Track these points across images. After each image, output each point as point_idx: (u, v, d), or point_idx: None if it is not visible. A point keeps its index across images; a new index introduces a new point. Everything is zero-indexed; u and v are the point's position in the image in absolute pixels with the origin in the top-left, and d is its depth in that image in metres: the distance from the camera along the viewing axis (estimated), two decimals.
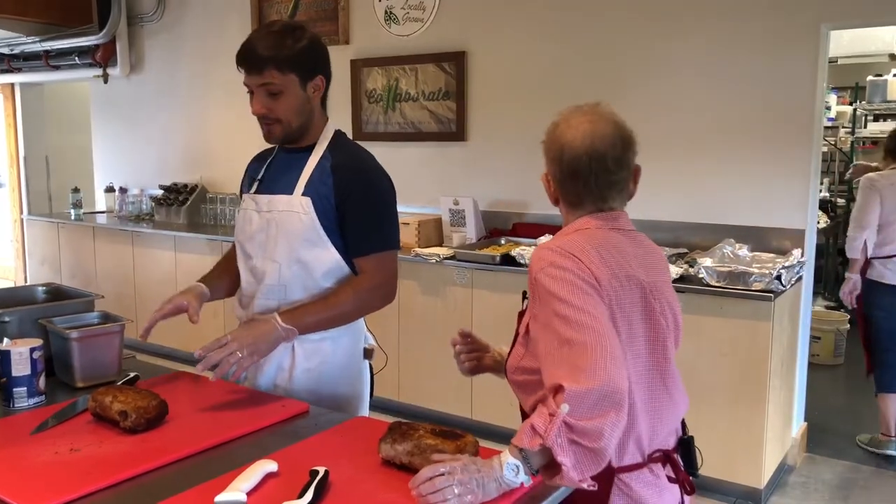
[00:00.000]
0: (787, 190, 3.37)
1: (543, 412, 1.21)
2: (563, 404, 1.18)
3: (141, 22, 5.70)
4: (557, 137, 1.43)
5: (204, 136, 5.50)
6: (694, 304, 3.08)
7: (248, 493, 1.23)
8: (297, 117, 1.80)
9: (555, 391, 1.22)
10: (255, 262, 1.87)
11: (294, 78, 1.76)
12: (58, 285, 2.23)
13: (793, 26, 3.29)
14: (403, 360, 3.88)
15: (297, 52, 1.75)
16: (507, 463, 1.20)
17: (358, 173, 1.82)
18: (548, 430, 1.18)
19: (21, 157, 6.87)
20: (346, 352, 1.91)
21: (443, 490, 1.17)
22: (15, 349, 1.66)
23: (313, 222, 1.79)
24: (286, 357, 1.86)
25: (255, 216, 1.87)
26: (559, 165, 1.42)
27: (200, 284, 1.95)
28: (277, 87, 1.75)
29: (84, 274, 5.61)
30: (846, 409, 4.37)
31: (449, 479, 1.17)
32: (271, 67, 1.73)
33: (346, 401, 1.88)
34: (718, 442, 3.11)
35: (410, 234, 4.02)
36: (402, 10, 4.36)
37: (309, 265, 1.81)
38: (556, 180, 1.45)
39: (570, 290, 1.29)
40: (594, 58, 3.79)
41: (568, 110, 1.45)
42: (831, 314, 5.20)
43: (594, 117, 1.41)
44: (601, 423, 1.18)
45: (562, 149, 1.41)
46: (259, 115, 1.79)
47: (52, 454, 1.41)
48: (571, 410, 1.18)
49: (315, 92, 1.81)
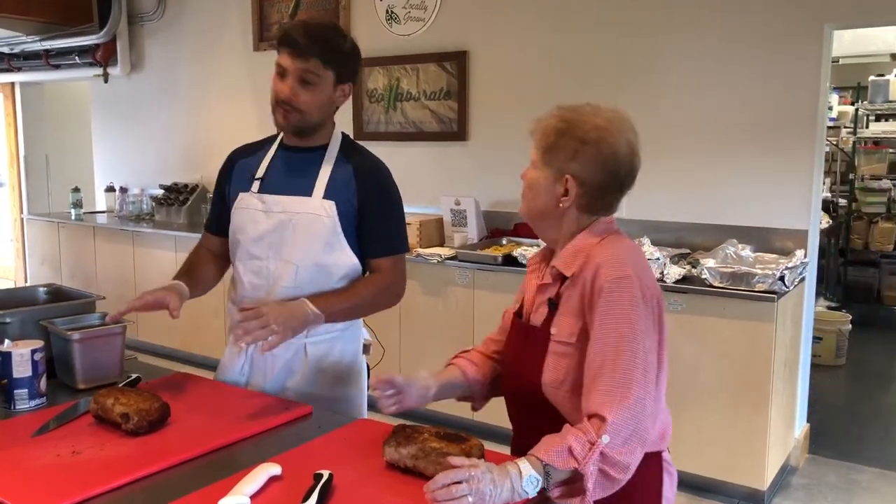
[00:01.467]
0: (790, 190, 3.36)
1: (582, 438, 1.24)
2: (605, 436, 1.23)
3: (141, 21, 5.69)
4: (607, 143, 1.38)
5: (204, 136, 5.49)
6: (697, 305, 3.07)
7: (251, 497, 1.22)
8: (318, 113, 1.80)
9: (596, 417, 1.26)
10: (264, 264, 1.84)
11: (331, 75, 1.77)
12: (59, 286, 2.21)
13: (796, 26, 3.28)
14: (405, 361, 3.87)
15: (343, 52, 1.78)
16: (528, 476, 1.20)
17: (379, 178, 1.86)
18: (587, 457, 1.22)
19: (21, 157, 6.86)
20: (353, 350, 1.94)
21: (458, 499, 1.15)
22: (16, 350, 1.65)
23: (335, 226, 1.80)
24: (297, 358, 1.86)
25: (262, 216, 1.85)
26: (602, 171, 1.38)
27: (181, 283, 1.86)
28: (314, 78, 1.74)
29: (84, 274, 5.60)
30: (848, 409, 4.36)
31: (466, 488, 1.16)
32: (317, 57, 1.73)
33: (349, 398, 1.91)
34: (721, 443, 3.10)
35: (412, 234, 4.01)
36: (403, 9, 4.35)
37: (327, 268, 1.82)
38: (589, 185, 1.39)
39: (636, 311, 1.31)
40: (596, 58, 3.78)
41: (592, 108, 1.41)
42: (833, 315, 5.19)
43: (629, 124, 1.41)
44: (630, 458, 1.25)
45: (615, 156, 1.38)
46: (282, 99, 1.75)
47: (54, 457, 1.40)
48: (610, 442, 1.23)
49: (341, 96, 1.83)
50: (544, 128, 1.43)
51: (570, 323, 1.38)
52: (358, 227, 1.83)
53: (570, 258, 1.42)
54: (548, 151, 1.41)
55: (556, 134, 1.40)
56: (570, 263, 1.41)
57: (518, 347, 1.50)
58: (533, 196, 1.45)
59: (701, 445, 3.13)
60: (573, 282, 1.40)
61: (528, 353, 1.44)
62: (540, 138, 1.43)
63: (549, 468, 1.22)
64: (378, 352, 2.07)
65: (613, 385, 1.28)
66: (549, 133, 1.42)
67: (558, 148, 1.40)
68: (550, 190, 1.42)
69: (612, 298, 1.32)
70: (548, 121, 1.43)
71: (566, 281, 1.42)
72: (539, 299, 1.48)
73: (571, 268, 1.40)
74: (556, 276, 1.44)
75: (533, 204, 1.45)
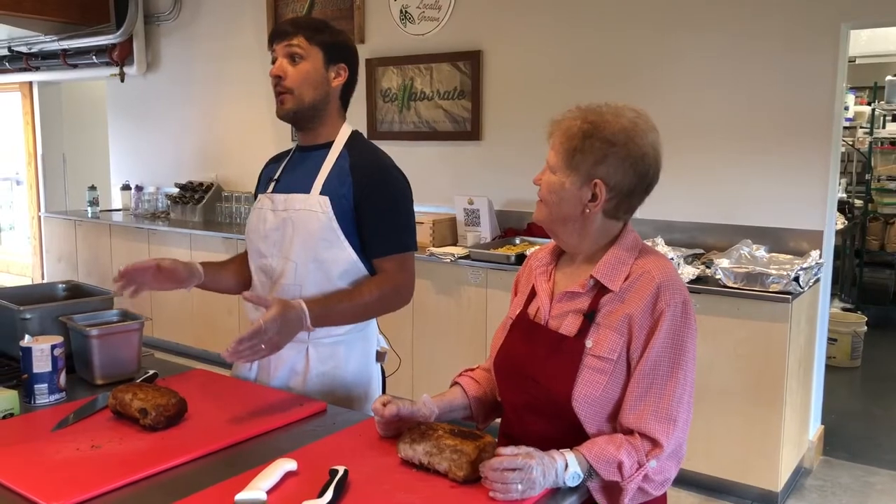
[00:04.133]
0: (805, 190, 3.34)
1: (634, 457, 1.29)
2: (654, 461, 1.29)
3: (157, 21, 5.74)
4: (635, 144, 1.33)
5: (219, 135, 5.53)
6: (710, 305, 3.06)
7: (267, 492, 1.23)
8: (311, 91, 1.78)
9: (648, 438, 1.30)
10: (269, 262, 1.85)
11: (319, 52, 1.78)
12: (77, 283, 2.24)
13: (812, 25, 3.26)
14: (417, 360, 3.89)
15: (329, 36, 1.80)
16: (573, 472, 1.26)
17: (376, 174, 1.81)
18: (632, 476, 1.28)
19: (39, 156, 6.93)
20: (360, 355, 1.90)
21: (509, 484, 1.21)
22: (36, 346, 1.68)
23: (331, 222, 1.77)
24: (300, 360, 1.84)
25: (270, 215, 1.86)
26: (632, 174, 1.34)
27: (197, 265, 1.88)
28: (299, 52, 1.76)
29: (100, 271, 5.65)
30: (863, 411, 4.33)
31: (518, 476, 1.21)
32: (300, 35, 1.76)
33: (357, 404, 1.87)
34: (734, 444, 3.09)
35: (425, 233, 4.02)
36: (417, 9, 4.36)
37: (325, 265, 1.80)
38: (618, 189, 1.35)
39: (691, 337, 1.34)
40: (610, 56, 3.77)
41: (612, 108, 1.36)
42: (848, 316, 5.15)
43: (652, 123, 1.38)
44: (668, 475, 1.32)
45: (644, 157, 1.34)
46: (274, 79, 1.79)
47: (73, 450, 1.42)
48: (655, 466, 1.29)
49: (336, 78, 1.82)
50: (566, 130, 1.36)
51: (613, 338, 1.34)
52: (358, 224, 1.79)
53: (612, 271, 1.37)
54: (572, 155, 1.34)
55: (581, 136, 1.34)
56: (614, 277, 1.37)
57: (542, 355, 1.40)
58: (556, 201, 1.38)
59: (714, 446, 3.12)
60: (619, 296, 1.36)
61: (556, 364, 1.37)
62: (562, 141, 1.36)
63: (593, 470, 1.28)
64: (394, 361, 2.01)
65: (666, 407, 1.31)
66: (572, 136, 1.35)
67: (585, 151, 1.33)
68: (576, 195, 1.36)
69: (675, 322, 1.33)
70: (569, 122, 1.37)
71: (606, 293, 1.37)
72: (566, 307, 1.41)
73: (616, 282, 1.36)
74: (592, 287, 1.39)
75: (556, 209, 1.38)
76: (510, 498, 1.21)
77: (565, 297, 1.42)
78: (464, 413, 1.56)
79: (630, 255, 1.39)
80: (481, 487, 1.25)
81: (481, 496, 1.23)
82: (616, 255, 1.39)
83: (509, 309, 1.59)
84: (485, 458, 1.27)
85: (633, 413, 1.32)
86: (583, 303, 1.39)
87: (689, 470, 3.14)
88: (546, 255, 1.52)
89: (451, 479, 1.28)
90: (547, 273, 1.49)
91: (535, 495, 1.23)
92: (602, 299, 1.37)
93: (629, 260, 1.39)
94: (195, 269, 1.87)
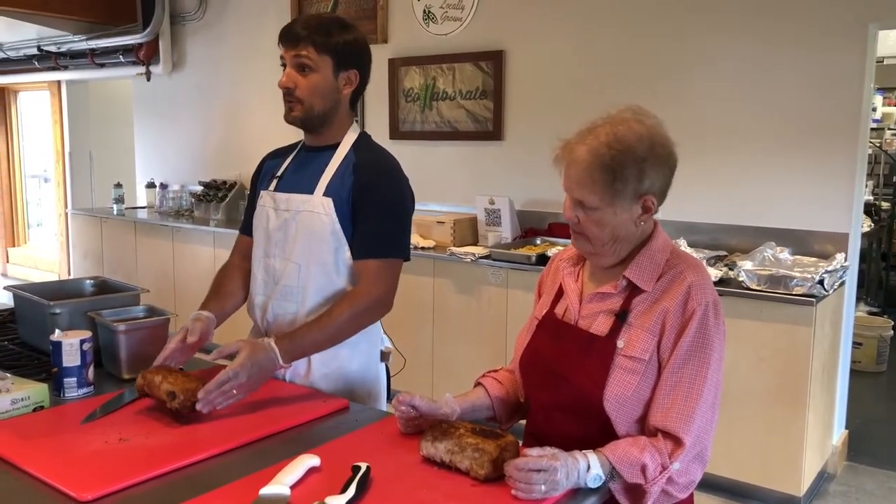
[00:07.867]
0: (831, 192, 3.30)
1: (657, 459, 1.29)
2: (677, 462, 1.28)
3: (183, 21, 5.81)
4: (660, 145, 1.36)
5: (243, 134, 5.58)
6: (733, 307, 3.03)
7: (291, 487, 1.25)
8: (321, 101, 1.77)
9: (671, 438, 1.30)
10: (272, 262, 1.85)
11: (328, 60, 1.75)
12: (105, 279, 2.27)
13: (839, 25, 3.22)
14: (437, 360, 3.89)
15: (339, 40, 1.76)
16: (595, 474, 1.27)
17: (377, 173, 1.79)
18: (655, 479, 1.28)
19: (66, 153, 7.04)
20: (363, 356, 1.88)
21: (532, 485, 1.22)
22: (66, 340, 1.71)
23: (334, 224, 1.76)
24: (302, 362, 1.82)
25: (272, 213, 1.86)
26: (668, 173, 1.39)
27: (207, 313, 1.83)
28: (309, 63, 1.74)
29: (125, 268, 5.73)
30: (889, 417, 4.27)
31: (542, 477, 1.22)
32: (308, 43, 1.73)
33: (362, 404, 1.85)
34: (757, 448, 3.07)
35: (445, 232, 4.03)
36: (440, 9, 4.37)
37: (328, 267, 1.79)
38: (661, 192, 1.39)
39: (720, 338, 1.36)
40: (633, 57, 3.75)
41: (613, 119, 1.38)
42: (874, 320, 5.08)
43: (651, 114, 1.41)
44: (691, 479, 1.32)
45: (670, 154, 1.39)
46: (283, 89, 1.78)
47: (102, 443, 1.45)
48: (679, 468, 1.29)
49: (346, 85, 1.80)
50: (590, 163, 1.34)
51: (645, 338, 1.35)
52: (352, 222, 1.76)
53: (645, 271, 1.38)
54: (612, 184, 1.33)
55: (612, 164, 1.32)
56: (647, 277, 1.38)
57: (572, 354, 1.41)
58: (609, 231, 1.37)
59: (736, 449, 3.09)
60: (651, 297, 1.37)
61: (588, 363, 1.38)
62: (592, 174, 1.33)
63: (615, 472, 1.28)
64: (399, 360, 2.00)
65: (690, 406, 1.31)
66: (605, 167, 1.32)
67: (624, 177, 1.33)
68: (628, 217, 1.37)
69: (705, 323, 1.34)
70: (590, 157, 1.34)
71: (638, 294, 1.38)
72: (597, 307, 1.42)
73: (650, 282, 1.38)
74: (624, 288, 1.40)
75: (609, 236, 1.38)
76: (532, 498, 1.22)
77: (596, 297, 1.43)
78: (487, 413, 1.57)
79: (662, 255, 1.41)
80: (502, 486, 1.26)
81: (502, 495, 1.24)
82: (649, 255, 1.40)
83: (534, 309, 1.60)
84: (506, 457, 1.28)
85: (659, 411, 1.33)
86: (614, 303, 1.40)
87: (711, 473, 3.11)
88: (573, 256, 1.54)
89: (473, 478, 1.29)
90: (574, 274, 1.50)
91: (556, 495, 1.24)
92: (634, 300, 1.38)
93: (661, 260, 1.40)
94: (209, 320, 1.80)
